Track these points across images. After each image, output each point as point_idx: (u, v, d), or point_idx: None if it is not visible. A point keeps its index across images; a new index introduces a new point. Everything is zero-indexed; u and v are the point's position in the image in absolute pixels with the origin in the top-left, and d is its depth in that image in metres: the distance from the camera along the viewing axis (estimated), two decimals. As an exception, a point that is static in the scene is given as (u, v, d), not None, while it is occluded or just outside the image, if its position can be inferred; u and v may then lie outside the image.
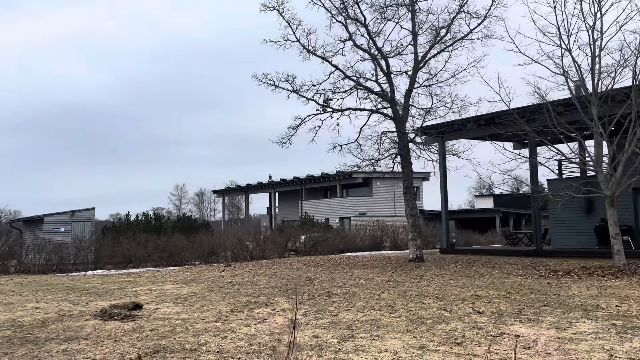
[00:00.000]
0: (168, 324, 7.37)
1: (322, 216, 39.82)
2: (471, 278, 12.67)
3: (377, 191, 42.67)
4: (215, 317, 7.96)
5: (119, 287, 12.44)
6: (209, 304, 9.25)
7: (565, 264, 16.31)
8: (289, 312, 8.24)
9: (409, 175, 18.05)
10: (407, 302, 9.02)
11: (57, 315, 8.46)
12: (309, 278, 13.38)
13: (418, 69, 18.70)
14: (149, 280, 14.06)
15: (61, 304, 9.80)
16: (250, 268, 17.42)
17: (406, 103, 18.53)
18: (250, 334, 6.67)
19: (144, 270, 18.88)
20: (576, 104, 14.50)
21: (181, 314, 8.30)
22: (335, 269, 16.25)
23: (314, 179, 44.75)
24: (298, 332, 6.68)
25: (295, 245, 27.51)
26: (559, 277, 12.66)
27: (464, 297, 9.42)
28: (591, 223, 22.23)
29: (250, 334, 6.63)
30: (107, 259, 21.44)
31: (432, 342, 6.05)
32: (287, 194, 49.97)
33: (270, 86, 20.34)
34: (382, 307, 8.50)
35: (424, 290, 10.44)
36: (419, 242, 17.88)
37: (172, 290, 11.59)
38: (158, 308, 8.95)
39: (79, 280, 14.81)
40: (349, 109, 19.44)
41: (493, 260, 18.37)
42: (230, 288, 11.61)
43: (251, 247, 25.06)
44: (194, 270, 17.69)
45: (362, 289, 10.96)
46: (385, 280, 12.64)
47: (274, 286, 11.75)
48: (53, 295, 11.21)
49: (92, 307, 9.25)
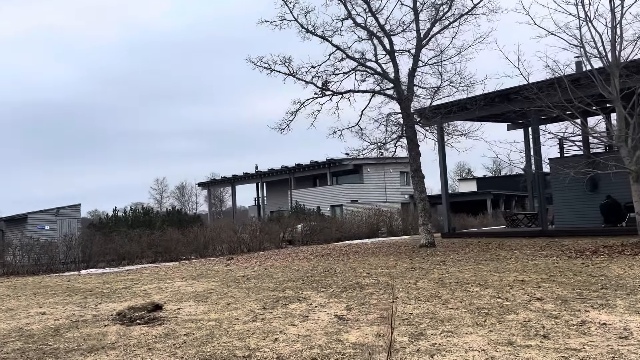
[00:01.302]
0: (202, 327, 6.54)
1: (313, 205, 39.09)
2: (498, 262, 12.05)
3: (368, 178, 42.07)
4: (250, 315, 7.16)
5: (125, 287, 11.53)
6: (235, 301, 8.44)
7: (582, 243, 15.84)
8: (328, 307, 7.48)
9: (416, 157, 17.35)
10: (452, 290, 8.32)
11: (70, 321, 7.57)
12: (326, 269, 12.63)
13: (421, 46, 17.94)
14: (153, 278, 13.16)
15: (68, 308, 8.90)
16: (255, 261, 16.60)
17: (410, 83, 17.78)
18: (302, 334, 5.89)
19: (140, 267, 17.94)
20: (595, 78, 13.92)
21: (209, 313, 7.47)
22: (346, 257, 15.53)
23: (303, 167, 43.91)
24: (355, 330, 5.93)
25: (291, 235, 26.72)
26: (588, 257, 12.10)
27: (509, 283, 8.77)
28: (596, 201, 21.86)
29: (303, 335, 5.85)
30: (100, 257, 20.38)
31: (515, 337, 5.35)
32: (274, 184, 49.06)
33: (265, 70, 19.41)
34: (429, 298, 7.79)
35: (460, 277, 9.76)
36: (430, 226, 17.24)
37: (184, 287, 10.73)
38: (180, 308, 8.11)
39: (77, 281, 13.84)
40: (350, 91, 18.65)
41: (504, 242, 17.84)
42: (247, 283, 10.80)
43: (247, 239, 24.23)
44: (195, 265, 16.82)
45: (390, 278, 10.25)
46: (407, 267, 11.95)
47: (294, 278, 10.97)
48: (55, 299, 10.28)
49: (104, 310, 8.37)
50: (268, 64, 19.21)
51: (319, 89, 19.10)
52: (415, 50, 18.00)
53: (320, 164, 41.95)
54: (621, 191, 21.08)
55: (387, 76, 17.80)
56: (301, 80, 19.17)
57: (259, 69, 19.51)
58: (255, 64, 19.36)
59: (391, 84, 18.19)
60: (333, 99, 19.28)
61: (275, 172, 46.59)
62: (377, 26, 17.74)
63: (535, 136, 22.37)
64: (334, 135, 19.56)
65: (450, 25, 17.86)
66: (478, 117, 20.07)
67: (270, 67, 19.24)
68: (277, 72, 19.30)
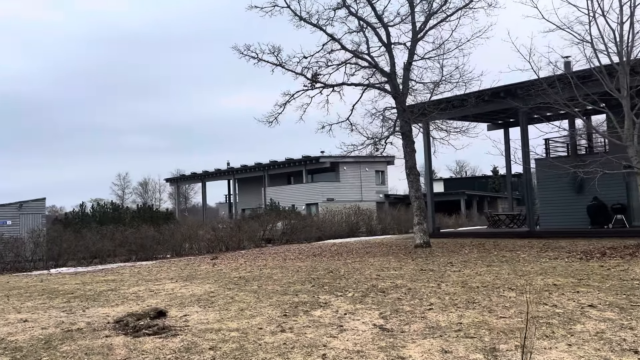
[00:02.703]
0: (226, 338, 5.63)
1: (288, 203, 38.13)
2: (509, 263, 11.48)
3: (344, 176, 41.39)
4: (273, 324, 6.29)
5: (110, 289, 10.44)
6: (247, 306, 7.53)
7: (579, 244, 15.51)
8: (359, 315, 6.68)
9: (412, 154, 16.70)
10: (486, 296, 7.64)
11: (61, 330, 6.53)
12: (327, 270, 11.81)
13: (417, 40, 17.31)
14: (138, 279, 12.07)
15: (52, 314, 7.81)
16: (243, 260, 15.64)
17: (406, 77, 17.13)
18: (351, 349, 5.07)
19: (116, 267, 16.71)
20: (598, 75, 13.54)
21: (225, 321, 6.56)
22: (341, 258, 14.75)
23: (277, 164, 42.90)
24: (411, 344, 5.15)
25: (270, 234, 25.75)
26: (600, 259, 11.67)
27: (542, 287, 8.15)
28: (582, 203, 21.75)
29: (353, 350, 5.03)
30: (70, 255, 18.98)
31: (603, 352, 4.67)
32: (247, 181, 47.87)
33: (253, 59, 18.48)
34: (467, 304, 7.08)
35: (483, 281, 9.10)
36: (425, 226, 16.63)
37: (179, 290, 9.74)
38: (187, 315, 7.15)
39: (50, 281, 12.60)
40: (343, 84, 17.86)
41: (498, 242, 17.40)
42: (248, 285, 9.88)
43: (226, 238, 23.17)
44: (177, 264, 15.73)
45: (407, 280, 9.52)
46: (415, 269, 11.25)
47: (299, 280, 10.12)
48: (32, 302, 9.13)
49: (96, 317, 7.34)
50: (255, 53, 18.29)
51: (309, 81, 18.27)
52: (410, 44, 17.35)
53: (296, 161, 41.04)
54: (607, 193, 21.02)
55: (382, 69, 17.08)
56: (290, 71, 18.31)
57: (246, 58, 18.56)
58: (241, 52, 18.39)
59: (384, 77, 17.51)
60: (323, 92, 18.48)
61: (249, 168, 45.43)
62: (373, 16, 17.03)
63: (524, 136, 22.20)
64: (323, 130, 18.77)
65: (447, 18, 17.30)
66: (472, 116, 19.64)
67: (258, 56, 18.32)
68: (265, 61, 18.38)
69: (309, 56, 17.46)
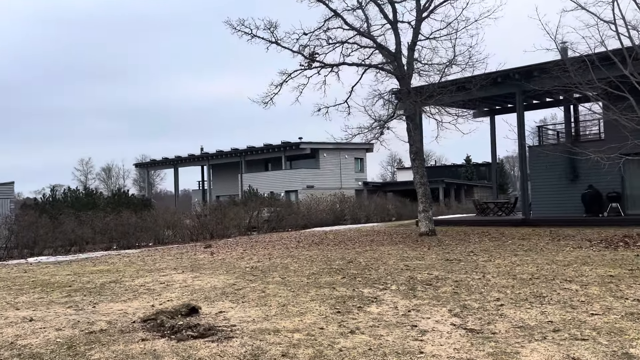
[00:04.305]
0: (294, 342, 4.76)
1: (266, 190, 37.08)
2: (538, 253, 10.91)
3: (324, 163, 40.56)
4: (335, 323, 5.45)
5: (111, 280, 9.38)
6: (289, 302, 6.66)
7: (586, 233, 15.12)
8: (428, 313, 5.92)
9: (417, 140, 15.99)
10: (549, 289, 6.99)
11: (80, 332, 5.53)
12: (346, 260, 11.01)
13: (422, 19, 16.54)
14: (136, 269, 11.01)
15: (57, 311, 6.78)
16: (241, 249, 14.69)
17: (410, 58, 16.36)
18: (455, 356, 4.28)
19: (100, 255, 15.51)
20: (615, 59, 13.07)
21: (273, 320, 5.68)
22: (348, 246, 13.97)
23: (255, 150, 41.69)
24: (529, 351, 4.40)
25: (256, 222, 24.79)
26: (626, 247, 11.21)
27: (601, 280, 7.55)
28: (577, 191, 21.56)
29: (458, 357, 4.24)
30: (47, 243, 17.63)
31: None
32: (222, 167, 46.48)
33: (246, 35, 17.41)
34: (534, 298, 6.41)
35: (528, 271, 8.46)
36: (431, 213, 16.00)
37: (193, 281, 8.78)
38: (222, 312, 6.24)
39: (36, 272, 11.41)
40: (343, 64, 16.97)
41: (502, 231, 16.90)
42: (268, 277, 9.00)
43: (212, 225, 22.10)
44: (168, 253, 14.68)
45: (443, 271, 8.81)
46: (441, 259, 10.56)
47: (322, 271, 9.29)
48: (27, 297, 8.04)
49: (113, 315, 6.36)
50: (250, 28, 17.21)
51: (307, 60, 17.30)
52: (415, 23, 16.57)
53: (275, 147, 39.94)
54: (602, 181, 20.89)
55: (387, 49, 16.26)
56: (287, 49, 17.31)
57: (239, 34, 17.48)
58: (234, 27, 17.31)
59: (388, 58, 16.69)
60: (321, 73, 17.55)
61: (225, 154, 44.05)
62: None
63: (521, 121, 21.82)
64: (319, 113, 17.88)
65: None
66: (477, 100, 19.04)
67: (252, 32, 17.26)
68: (260, 38, 17.33)
69: (309, 32, 16.48)
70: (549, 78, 15.32)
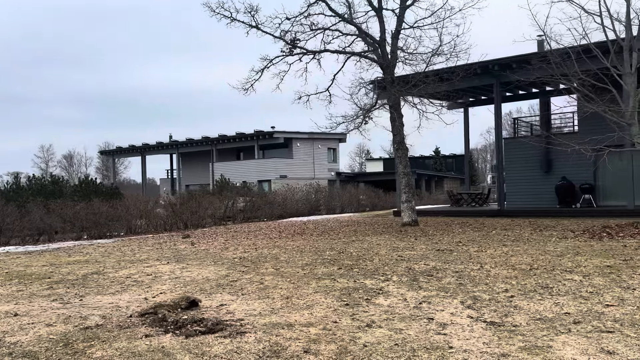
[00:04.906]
0: (312, 337, 4.49)
1: (238, 179, 36.52)
2: (526, 243, 10.90)
3: (298, 153, 40.18)
4: (347, 317, 5.22)
5: (92, 272, 8.92)
6: (292, 294, 6.39)
7: (565, 223, 15.30)
8: (439, 305, 5.74)
9: (400, 128, 15.85)
10: (552, 280, 6.91)
11: (74, 327, 5.14)
12: (336, 250, 10.78)
13: (406, 7, 16.35)
14: (117, 260, 10.53)
15: (42, 304, 6.35)
16: (222, 239, 14.31)
17: (394, 46, 16.17)
18: (487, 350, 4.09)
19: (72, 245, 14.90)
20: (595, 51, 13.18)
21: (281, 313, 5.40)
22: (332, 237, 13.76)
23: (227, 138, 40.97)
24: (552, 343, 4.26)
25: (231, 211, 24.35)
26: (611, 238, 11.33)
27: (597, 269, 7.54)
28: (550, 182, 21.89)
29: (491, 352, 4.06)
30: (14, 232, 16.85)
31: None
32: (192, 156, 45.58)
33: (225, 18, 16.92)
34: (542, 289, 6.31)
35: (524, 262, 8.40)
36: (414, 203, 15.91)
37: (182, 273, 8.41)
38: (224, 304, 5.93)
39: (7, 262, 10.81)
40: (326, 50, 16.65)
41: (483, 221, 16.98)
42: (260, 267, 8.70)
43: (186, 215, 21.57)
44: (145, 243, 14.19)
45: (438, 261, 8.68)
46: (431, 249, 10.44)
47: (314, 262, 9.04)
48: (4, 289, 7.55)
49: (105, 308, 5.98)
50: (229, 11, 16.72)
51: (288, 45, 16.93)
52: (399, 11, 16.38)
53: (247, 136, 39.33)
54: (576, 173, 21.27)
55: (372, 37, 16.02)
56: (268, 34, 16.89)
57: (217, 16, 16.97)
58: (213, 10, 16.79)
59: (371, 46, 16.46)
60: (303, 60, 17.21)
61: (195, 142, 43.16)
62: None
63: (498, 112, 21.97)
64: (299, 101, 17.57)
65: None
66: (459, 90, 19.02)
67: (232, 15, 16.77)
68: (240, 22, 16.87)
69: (292, 17, 16.09)
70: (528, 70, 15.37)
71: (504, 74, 18.72)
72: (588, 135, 15.23)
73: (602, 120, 15.39)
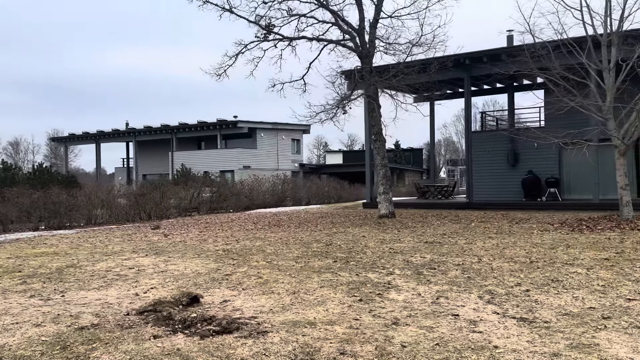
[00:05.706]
0: (342, 337, 4.14)
1: (199, 169, 35.57)
2: (512, 236, 10.87)
3: (262, 143, 39.50)
4: (366, 313, 4.90)
5: (66, 265, 8.26)
6: (297, 289, 6.01)
7: (538, 216, 15.46)
8: (449, 297, 5.50)
9: (378, 119, 15.61)
10: (559, 273, 6.80)
11: (67, 327, 4.61)
12: (322, 242, 10.44)
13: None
14: (89, 252, 9.86)
15: (20, 301, 5.76)
16: (196, 231, 13.73)
17: (372, 35, 15.89)
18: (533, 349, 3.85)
19: (31, 236, 14.00)
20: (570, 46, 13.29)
21: (294, 310, 5.03)
22: (312, 229, 13.41)
23: (188, 127, 39.84)
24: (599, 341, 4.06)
25: (197, 202, 23.62)
26: (592, 230, 11.44)
27: (596, 261, 7.50)
28: (516, 175, 22.21)
29: (540, 352, 3.82)
30: (-34, 222, 15.71)
31: None
32: (150, 144, 44.15)
33: (197, 0, 16.25)
34: (553, 283, 6.18)
35: (520, 254, 8.30)
36: (391, 195, 15.73)
37: (167, 266, 7.89)
38: (227, 301, 5.51)
39: (-35, 255, 9.94)
40: (302, 37, 16.21)
41: (457, 214, 17.00)
42: (251, 260, 8.27)
43: (150, 205, 20.76)
44: (113, 234, 13.46)
45: (432, 254, 8.47)
46: (419, 241, 10.25)
47: (306, 255, 8.68)
48: (-29, 284, 6.84)
49: (94, 305, 5.46)
50: (203, -8, 16.04)
51: (263, 31, 16.39)
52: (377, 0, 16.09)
53: (210, 125, 38.35)
54: (541, 166, 21.68)
55: (350, 24, 15.68)
56: (242, 17, 16.30)
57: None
58: (185, -8, 16.05)
59: (348, 35, 16.12)
60: (278, 46, 16.73)
61: (154, 130, 41.78)
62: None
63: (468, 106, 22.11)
64: (273, 89, 17.08)
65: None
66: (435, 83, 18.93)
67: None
68: (212, 4, 16.22)
69: (269, 1, 15.56)
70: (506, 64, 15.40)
71: (476, 66, 18.76)
72: (554, 131, 15.40)
73: (569, 116, 15.62)
